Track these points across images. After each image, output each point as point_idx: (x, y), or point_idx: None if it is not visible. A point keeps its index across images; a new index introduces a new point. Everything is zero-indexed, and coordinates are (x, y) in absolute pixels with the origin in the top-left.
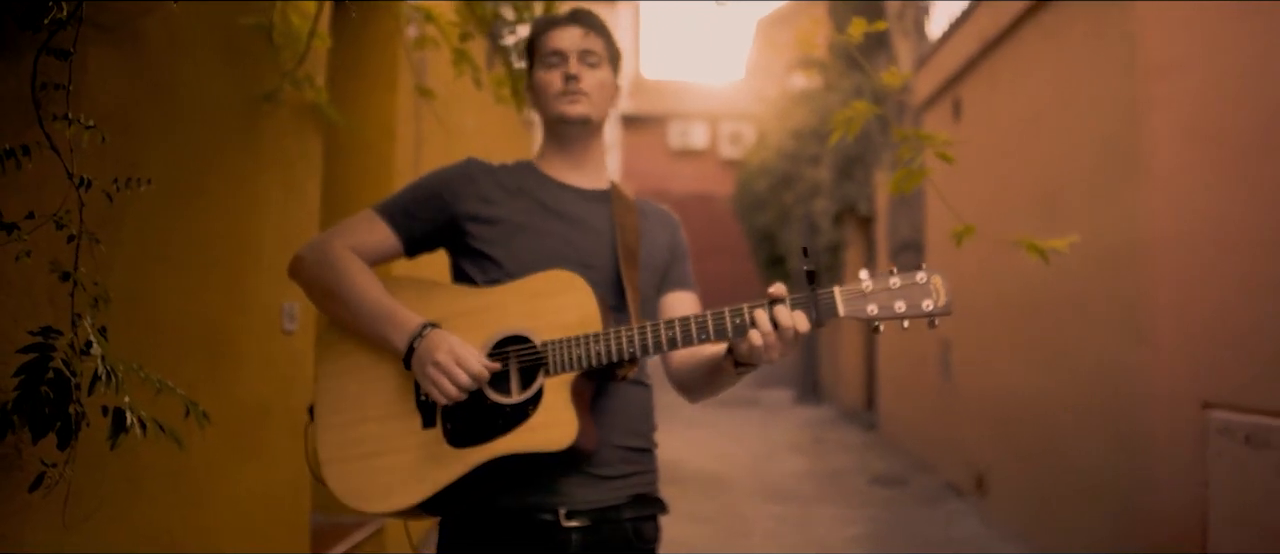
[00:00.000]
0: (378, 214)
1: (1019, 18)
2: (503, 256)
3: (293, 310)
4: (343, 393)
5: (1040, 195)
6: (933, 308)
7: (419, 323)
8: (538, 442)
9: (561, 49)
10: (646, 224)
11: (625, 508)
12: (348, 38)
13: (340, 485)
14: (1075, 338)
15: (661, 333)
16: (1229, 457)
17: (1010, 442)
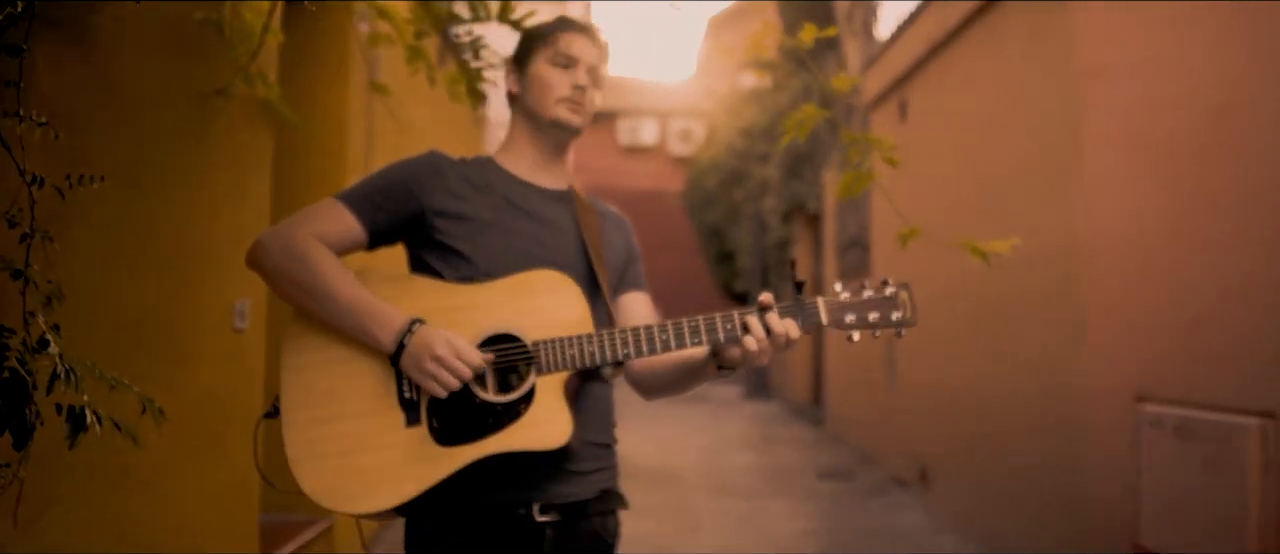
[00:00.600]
0: (342, 203)
1: (963, 21)
2: (472, 253)
3: (243, 309)
4: (312, 388)
5: (983, 195)
6: (901, 319)
7: (405, 319)
8: (533, 440)
9: (578, 57)
10: (605, 226)
11: (593, 503)
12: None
13: (314, 485)
14: (1015, 335)
15: (656, 336)
16: (1160, 448)
17: (952, 435)
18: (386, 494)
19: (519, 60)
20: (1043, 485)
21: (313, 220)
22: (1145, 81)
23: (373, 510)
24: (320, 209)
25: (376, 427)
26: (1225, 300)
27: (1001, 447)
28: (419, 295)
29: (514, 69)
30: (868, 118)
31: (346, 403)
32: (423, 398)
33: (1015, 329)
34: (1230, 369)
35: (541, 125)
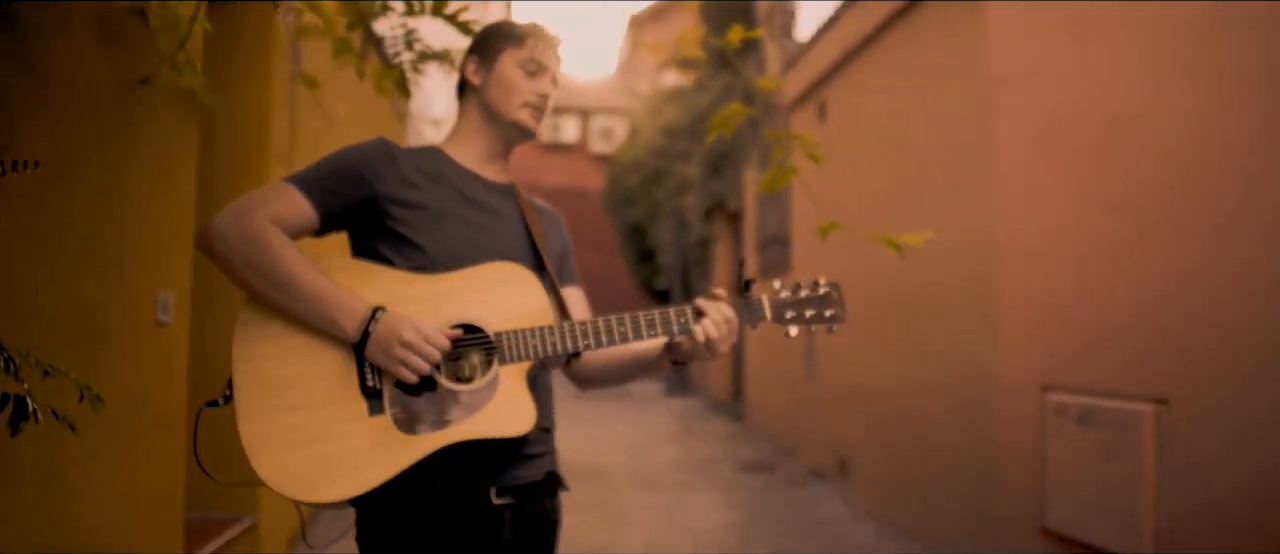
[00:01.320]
0: (295, 186)
1: (881, 26)
2: (427, 243)
3: (167, 301)
4: (269, 377)
5: (900, 194)
6: (833, 315)
7: (368, 306)
8: (498, 428)
9: (547, 65)
10: (543, 221)
11: (542, 485)
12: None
13: (275, 474)
14: (931, 328)
15: (614, 328)
16: (1064, 434)
17: (870, 427)
18: (351, 482)
19: (484, 53)
20: (956, 473)
21: (267, 203)
22: (1050, 87)
23: (337, 498)
24: (273, 192)
25: (339, 415)
26: (1122, 294)
27: (917, 437)
28: (379, 284)
29: (478, 60)
30: (788, 118)
31: (307, 391)
32: (386, 386)
33: (930, 323)
34: (1127, 358)
35: (500, 123)
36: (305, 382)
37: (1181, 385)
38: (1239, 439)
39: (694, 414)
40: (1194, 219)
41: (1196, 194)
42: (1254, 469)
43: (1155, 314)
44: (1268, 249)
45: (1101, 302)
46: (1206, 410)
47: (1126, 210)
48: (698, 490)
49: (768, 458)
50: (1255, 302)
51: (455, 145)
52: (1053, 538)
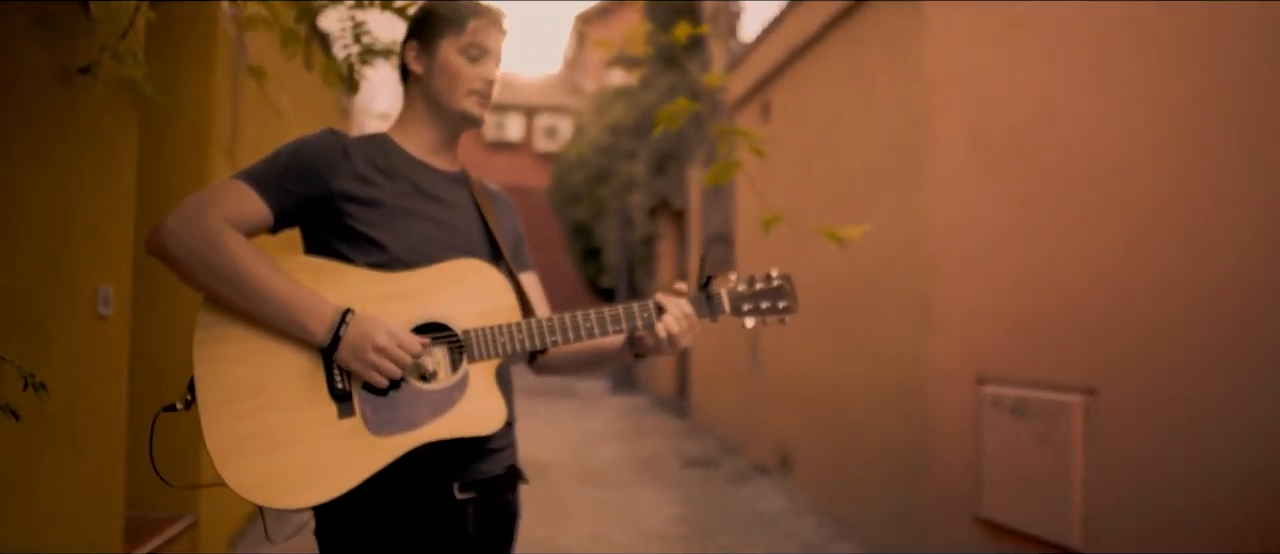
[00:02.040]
0: (247, 184)
1: (823, 28)
2: (386, 240)
3: (107, 295)
4: (234, 381)
5: (840, 193)
6: (786, 307)
7: (336, 309)
8: (470, 426)
9: (490, 48)
10: (496, 207)
11: (504, 478)
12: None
13: (244, 480)
14: (870, 324)
15: (581, 323)
16: (999, 426)
17: (812, 422)
18: (324, 487)
19: (424, 39)
20: (894, 464)
21: (220, 202)
22: (982, 90)
23: (311, 504)
24: (226, 190)
25: (308, 418)
26: (1052, 288)
27: (857, 430)
28: (343, 283)
29: (418, 47)
30: (732, 118)
31: (273, 394)
32: (355, 388)
33: (869, 319)
34: (1058, 351)
35: (445, 112)
36: (271, 384)
37: (1109, 376)
38: (1164, 428)
39: (639, 411)
40: (1120, 216)
41: (1122, 192)
42: (1178, 457)
43: (1084, 307)
44: (1192, 246)
45: (1033, 296)
46: (1133, 400)
47: (1055, 208)
48: (642, 486)
49: (712, 454)
50: (1181, 296)
51: (404, 134)
52: (987, 526)
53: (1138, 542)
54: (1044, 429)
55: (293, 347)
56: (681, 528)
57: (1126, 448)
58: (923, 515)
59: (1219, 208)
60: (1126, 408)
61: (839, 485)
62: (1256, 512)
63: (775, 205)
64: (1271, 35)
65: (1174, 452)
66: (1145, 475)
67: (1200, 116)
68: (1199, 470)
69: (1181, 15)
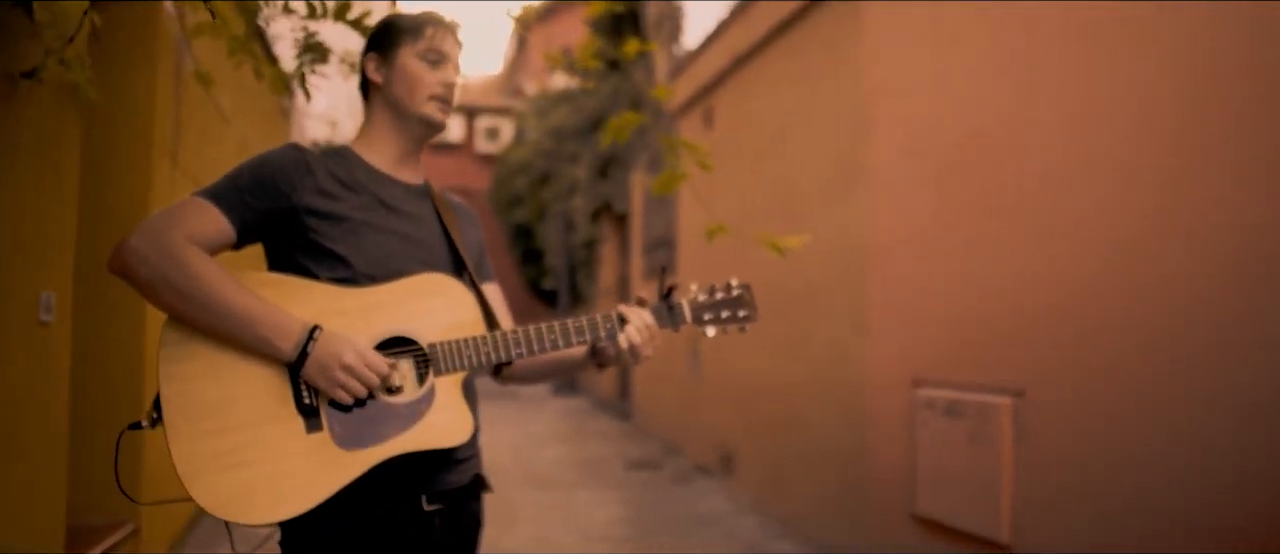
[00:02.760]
0: (210, 201)
1: (766, 37)
2: (350, 255)
3: (50, 301)
4: (200, 399)
5: (781, 199)
6: (746, 315)
7: (303, 326)
8: (438, 439)
9: (448, 54)
10: (459, 219)
11: (469, 488)
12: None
13: (212, 498)
14: (810, 328)
15: (545, 336)
16: (932, 426)
17: (752, 423)
18: (294, 502)
19: (383, 49)
20: (833, 465)
21: (183, 221)
22: (920, 102)
23: (280, 519)
24: (189, 208)
25: (275, 434)
26: (984, 295)
27: (797, 432)
28: (308, 299)
29: (378, 58)
30: (676, 124)
31: (240, 412)
32: (322, 403)
33: (808, 323)
34: (989, 354)
35: (408, 119)
36: (238, 401)
37: (1036, 379)
38: (1087, 429)
39: (582, 414)
40: (1050, 225)
41: (1049, 204)
42: (1100, 456)
43: (1013, 314)
44: (1119, 253)
45: (965, 302)
46: (1059, 402)
47: (988, 216)
48: (585, 488)
49: (654, 456)
50: (1106, 303)
51: (367, 147)
52: (921, 523)
53: (1063, 537)
54: (975, 429)
55: (258, 363)
56: (625, 529)
57: (1052, 447)
58: (860, 513)
59: (1143, 219)
60: (1052, 409)
61: (779, 485)
62: (1177, 507)
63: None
64: (1190, 53)
65: (1096, 451)
66: (1069, 473)
67: (1125, 131)
68: (1120, 468)
69: (1105, 35)
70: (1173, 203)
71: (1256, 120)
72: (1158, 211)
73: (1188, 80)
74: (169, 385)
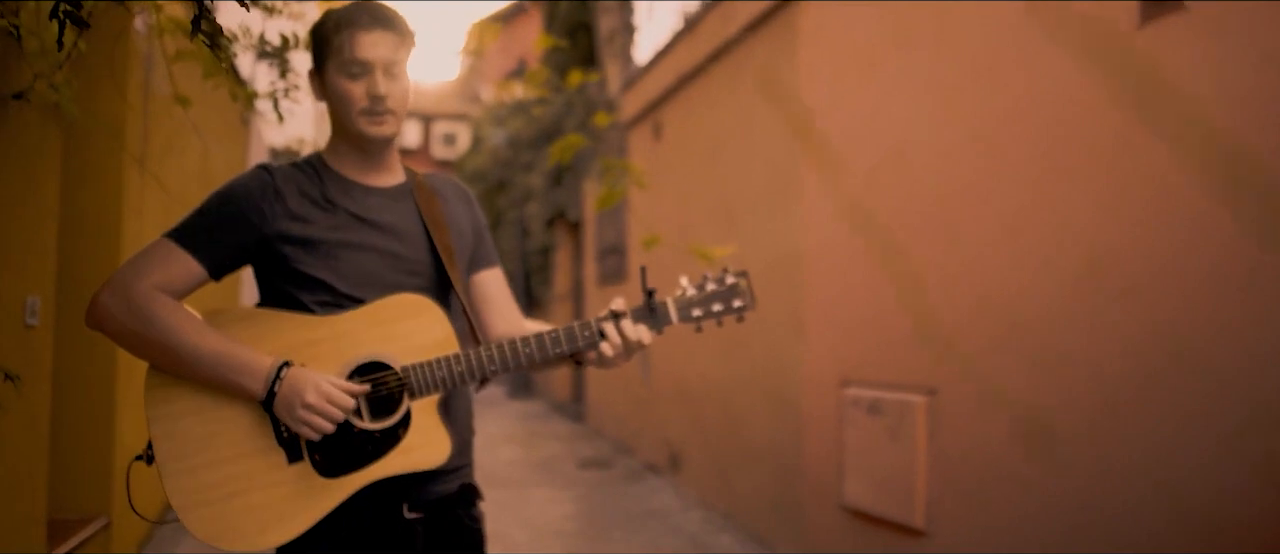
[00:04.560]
0: (176, 243)
1: (709, 57)
2: (331, 278)
3: (35, 305)
4: (186, 436)
5: (724, 210)
6: (742, 305)
7: (271, 364)
8: (415, 462)
9: (368, 60)
10: (448, 208)
11: (456, 498)
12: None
13: (205, 530)
14: (750, 333)
15: (520, 350)
16: (857, 423)
17: (699, 424)
18: (280, 530)
19: (316, 65)
20: (771, 460)
21: (152, 270)
22: (847, 124)
23: (270, 547)
24: (156, 255)
25: (259, 467)
26: (902, 301)
27: (739, 431)
28: (279, 332)
29: (316, 78)
30: (626, 135)
31: (225, 447)
32: None
33: (750, 328)
34: (907, 355)
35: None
36: (221, 437)
37: (947, 379)
38: (992, 424)
39: (536, 416)
40: (961, 237)
41: (961, 219)
42: (1005, 448)
43: (928, 318)
44: (1018, 268)
45: (887, 307)
46: (967, 399)
47: (907, 228)
48: (539, 487)
49: (606, 455)
50: (1009, 311)
51: (336, 157)
52: (848, 513)
53: (969, 522)
54: (894, 425)
55: (238, 399)
56: (576, 525)
57: (960, 441)
58: (795, 505)
59: (1042, 235)
60: (960, 406)
61: (723, 481)
62: (1070, 492)
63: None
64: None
65: (1000, 443)
66: (976, 464)
67: (1028, 153)
68: (1022, 459)
69: (1006, 66)
70: (1065, 220)
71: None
72: (1052, 228)
73: (1078, 111)
74: (156, 426)
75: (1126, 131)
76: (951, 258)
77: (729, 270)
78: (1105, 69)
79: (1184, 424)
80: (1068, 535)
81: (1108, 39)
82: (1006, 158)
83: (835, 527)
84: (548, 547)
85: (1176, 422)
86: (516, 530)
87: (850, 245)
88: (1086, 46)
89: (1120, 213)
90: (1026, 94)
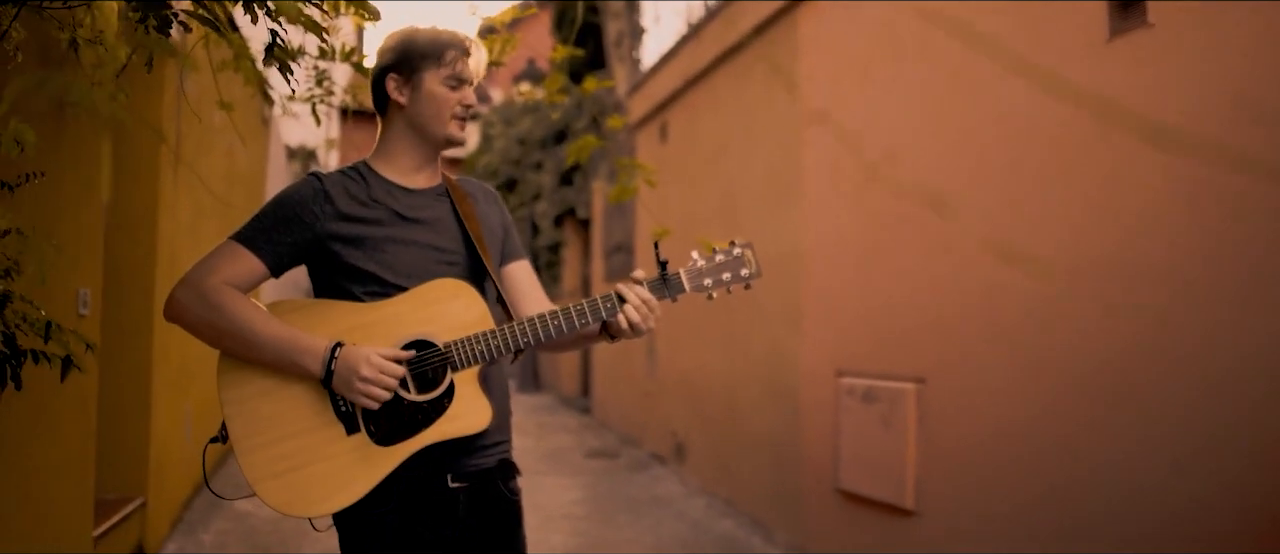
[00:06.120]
0: (241, 245)
1: (714, 61)
2: (379, 270)
3: (86, 296)
4: (257, 416)
5: (727, 209)
6: (749, 273)
7: (326, 345)
8: (460, 428)
9: (468, 78)
10: (479, 207)
11: (496, 471)
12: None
13: (277, 499)
14: (752, 327)
15: (549, 323)
16: (852, 411)
17: (702, 415)
18: (344, 495)
19: (405, 71)
20: (770, 448)
21: (220, 267)
22: (845, 127)
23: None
24: (224, 254)
25: (321, 440)
26: (895, 295)
27: (741, 421)
28: (334, 318)
29: (400, 78)
30: (634, 136)
31: (290, 424)
32: (357, 409)
33: (751, 322)
34: (898, 346)
35: (430, 138)
36: (287, 415)
37: (936, 368)
38: (977, 411)
39: (545, 409)
40: (949, 237)
41: (950, 217)
42: (988, 432)
43: (919, 310)
44: (1005, 264)
45: (880, 300)
46: (953, 388)
47: (898, 225)
48: (548, 475)
49: (612, 446)
50: (994, 305)
51: (384, 161)
52: (843, 496)
53: (955, 502)
54: (887, 413)
55: (300, 380)
56: (584, 510)
57: (948, 426)
58: (793, 491)
59: (1027, 232)
60: (947, 394)
61: (725, 470)
62: (1051, 474)
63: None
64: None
65: (984, 428)
66: (962, 448)
67: (1005, 158)
68: (1004, 443)
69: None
70: (1048, 218)
71: (1096, 148)
72: (1036, 226)
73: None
74: (229, 408)
75: (1093, 138)
76: (938, 252)
77: (736, 242)
78: (1076, 79)
79: (1156, 414)
80: (1048, 514)
81: (1079, 51)
82: (986, 162)
83: (831, 510)
84: (556, 529)
85: (1148, 411)
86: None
87: (845, 241)
88: (1060, 58)
89: (1089, 213)
90: (1004, 102)
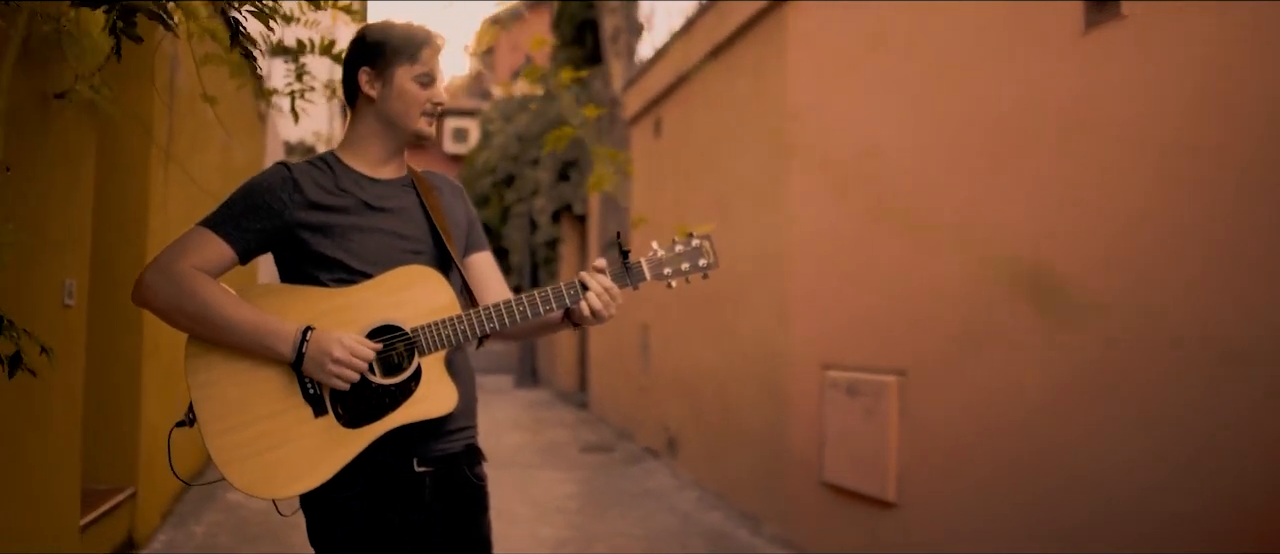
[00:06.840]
0: (211, 230)
1: (705, 58)
2: (345, 257)
3: (71, 287)
4: (224, 400)
5: (718, 204)
6: (706, 264)
7: (297, 329)
8: (427, 411)
9: (435, 74)
10: (444, 199)
11: (462, 456)
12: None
13: (245, 480)
14: (740, 321)
15: (515, 309)
16: (837, 404)
17: (694, 409)
18: (309, 478)
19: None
20: (759, 440)
21: (189, 252)
22: (830, 123)
23: (300, 491)
24: (193, 240)
25: (289, 422)
26: (878, 289)
27: (731, 414)
28: (303, 303)
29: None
30: (629, 130)
31: (257, 407)
32: (325, 391)
33: (740, 317)
34: (880, 340)
35: (399, 132)
36: (255, 398)
37: (916, 361)
38: (957, 403)
39: (541, 404)
40: (929, 232)
41: (931, 212)
42: (967, 424)
43: (901, 305)
44: (983, 259)
45: (864, 295)
46: (933, 380)
47: (880, 220)
48: (543, 468)
49: (607, 440)
50: (972, 299)
51: (352, 152)
52: (828, 489)
53: (935, 493)
54: (869, 405)
55: (268, 364)
56: (578, 502)
57: (928, 418)
58: (780, 483)
59: (1002, 230)
60: (927, 387)
61: (715, 463)
62: (1029, 465)
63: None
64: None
65: (963, 420)
66: (941, 439)
67: (978, 151)
68: (983, 434)
69: (967, 71)
70: (1023, 215)
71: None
72: (1011, 223)
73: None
74: (197, 391)
75: (1066, 130)
76: (918, 247)
77: (695, 234)
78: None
79: (1133, 406)
80: (1027, 504)
81: (1054, 44)
82: (961, 155)
83: (816, 502)
84: (550, 522)
85: (1125, 403)
86: (521, 507)
87: (830, 236)
88: (1036, 50)
89: (1058, 206)
90: (980, 95)
